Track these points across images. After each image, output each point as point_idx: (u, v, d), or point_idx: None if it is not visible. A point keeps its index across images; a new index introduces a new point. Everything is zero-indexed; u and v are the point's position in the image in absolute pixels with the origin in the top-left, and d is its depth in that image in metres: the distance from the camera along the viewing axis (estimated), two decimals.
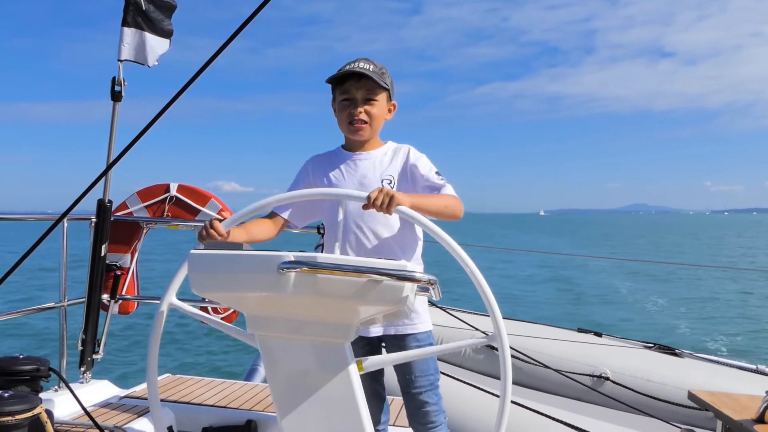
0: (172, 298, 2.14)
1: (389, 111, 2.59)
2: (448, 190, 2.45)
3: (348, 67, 2.45)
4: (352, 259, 1.81)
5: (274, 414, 1.99)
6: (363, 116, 2.48)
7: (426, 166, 2.51)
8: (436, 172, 2.50)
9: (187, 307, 2.15)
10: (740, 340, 14.39)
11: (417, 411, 2.50)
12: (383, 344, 2.59)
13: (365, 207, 2.12)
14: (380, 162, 2.53)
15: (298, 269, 1.77)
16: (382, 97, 2.51)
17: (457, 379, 4.73)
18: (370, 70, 2.44)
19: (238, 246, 1.92)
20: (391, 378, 2.72)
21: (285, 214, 2.51)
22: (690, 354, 5.73)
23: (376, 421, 2.60)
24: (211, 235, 2.17)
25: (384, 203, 2.07)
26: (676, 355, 5.62)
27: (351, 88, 2.46)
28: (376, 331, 2.48)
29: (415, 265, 2.50)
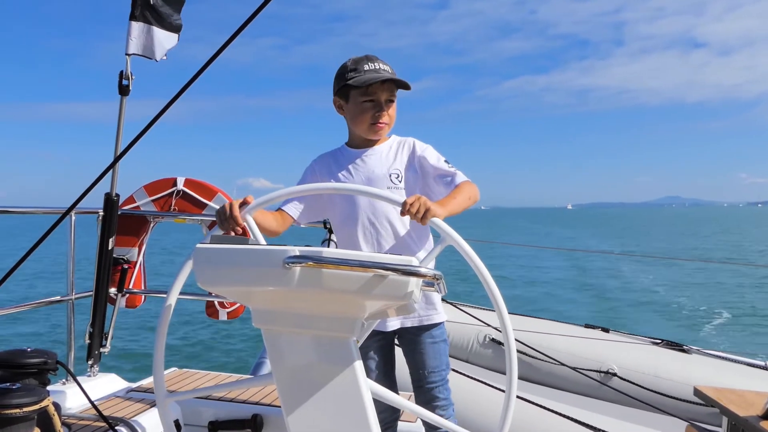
0: (178, 292, 2.15)
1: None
2: (461, 177, 2.46)
3: (370, 67, 2.45)
4: (358, 254, 1.81)
5: (280, 408, 1.99)
6: (386, 119, 2.51)
7: (434, 156, 2.52)
8: (445, 161, 2.52)
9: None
10: None
11: (427, 405, 2.52)
12: (396, 337, 2.61)
13: (402, 213, 2.09)
14: (386, 156, 2.54)
15: (303, 264, 1.77)
16: (395, 97, 2.54)
17: (464, 375, 4.73)
18: (390, 71, 2.47)
19: (243, 240, 1.93)
20: (398, 373, 2.72)
21: (292, 212, 2.51)
22: (698, 350, 5.70)
23: (387, 418, 2.60)
24: (231, 221, 2.13)
25: (420, 212, 2.05)
26: (683, 351, 5.60)
27: (377, 91, 2.47)
28: (392, 325, 2.51)
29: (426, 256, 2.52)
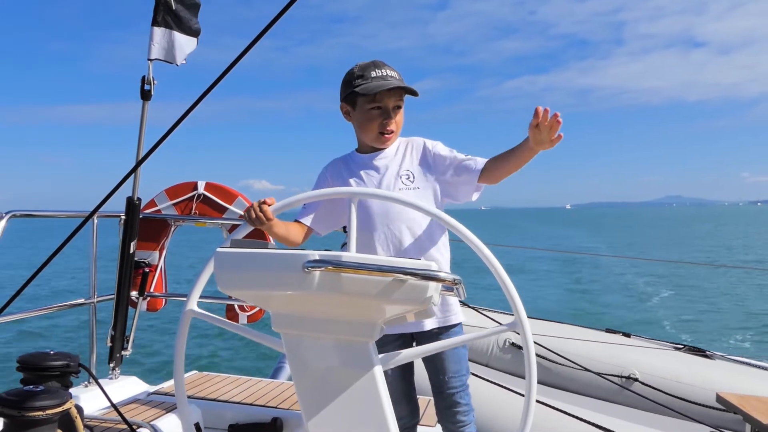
0: (198, 296, 2.16)
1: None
2: (481, 159, 2.47)
3: (377, 74, 2.43)
4: (377, 258, 1.81)
5: (300, 411, 2.00)
6: (393, 126, 2.49)
7: (445, 149, 2.53)
8: (457, 152, 2.52)
9: (210, 315, 2.15)
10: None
11: (448, 411, 2.51)
12: (414, 340, 2.59)
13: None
14: (394, 158, 2.53)
15: (322, 268, 1.77)
16: (402, 102, 2.52)
17: (484, 379, 4.71)
18: (398, 78, 2.45)
19: (263, 244, 1.93)
20: (417, 377, 2.71)
21: (307, 221, 2.50)
22: (721, 356, 5.64)
23: (407, 423, 2.59)
24: (260, 218, 2.16)
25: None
26: (706, 356, 5.54)
27: (384, 98, 2.44)
28: (409, 327, 2.48)
29: (440, 260, 2.50)
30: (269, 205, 2.18)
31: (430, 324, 2.48)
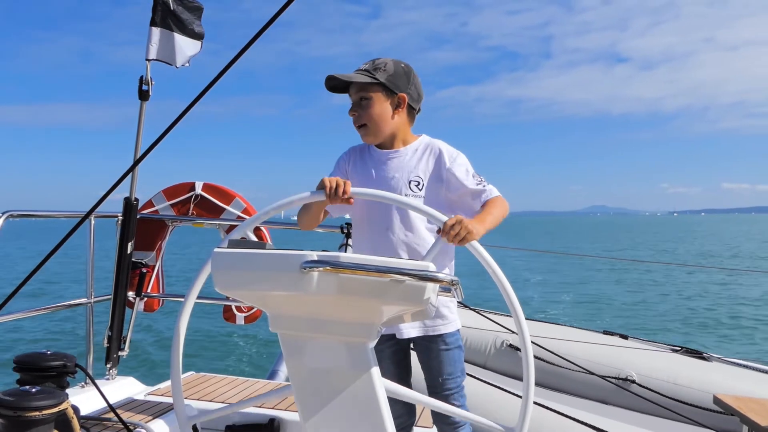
0: (195, 296, 2.16)
1: (399, 105, 2.47)
2: (490, 192, 2.40)
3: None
4: (375, 258, 1.80)
5: (297, 412, 1.99)
6: (358, 120, 2.45)
7: (462, 171, 2.44)
8: (473, 175, 2.44)
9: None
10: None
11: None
12: (411, 345, 2.58)
13: (440, 233, 2.06)
14: (408, 160, 2.46)
15: (321, 268, 1.76)
16: (376, 94, 2.43)
17: (481, 380, 4.70)
18: (361, 68, 2.42)
19: (261, 245, 1.93)
20: (414, 379, 2.71)
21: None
22: (719, 358, 5.64)
23: (404, 423, 2.58)
24: (338, 194, 2.14)
25: (460, 235, 2.03)
26: (703, 358, 5.54)
27: (350, 93, 2.47)
28: (406, 333, 2.46)
29: (447, 263, 2.48)
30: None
31: (418, 331, 2.46)
